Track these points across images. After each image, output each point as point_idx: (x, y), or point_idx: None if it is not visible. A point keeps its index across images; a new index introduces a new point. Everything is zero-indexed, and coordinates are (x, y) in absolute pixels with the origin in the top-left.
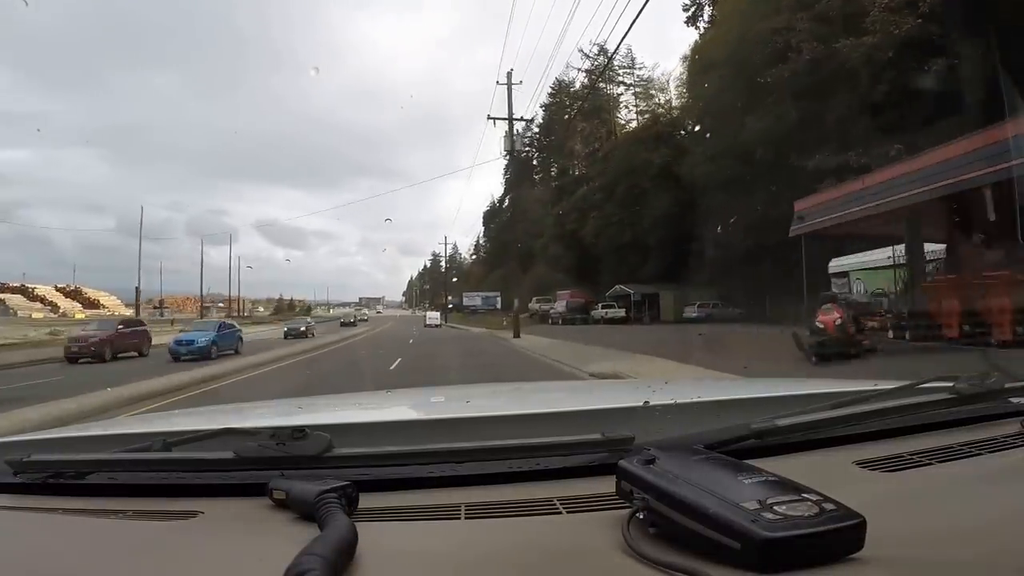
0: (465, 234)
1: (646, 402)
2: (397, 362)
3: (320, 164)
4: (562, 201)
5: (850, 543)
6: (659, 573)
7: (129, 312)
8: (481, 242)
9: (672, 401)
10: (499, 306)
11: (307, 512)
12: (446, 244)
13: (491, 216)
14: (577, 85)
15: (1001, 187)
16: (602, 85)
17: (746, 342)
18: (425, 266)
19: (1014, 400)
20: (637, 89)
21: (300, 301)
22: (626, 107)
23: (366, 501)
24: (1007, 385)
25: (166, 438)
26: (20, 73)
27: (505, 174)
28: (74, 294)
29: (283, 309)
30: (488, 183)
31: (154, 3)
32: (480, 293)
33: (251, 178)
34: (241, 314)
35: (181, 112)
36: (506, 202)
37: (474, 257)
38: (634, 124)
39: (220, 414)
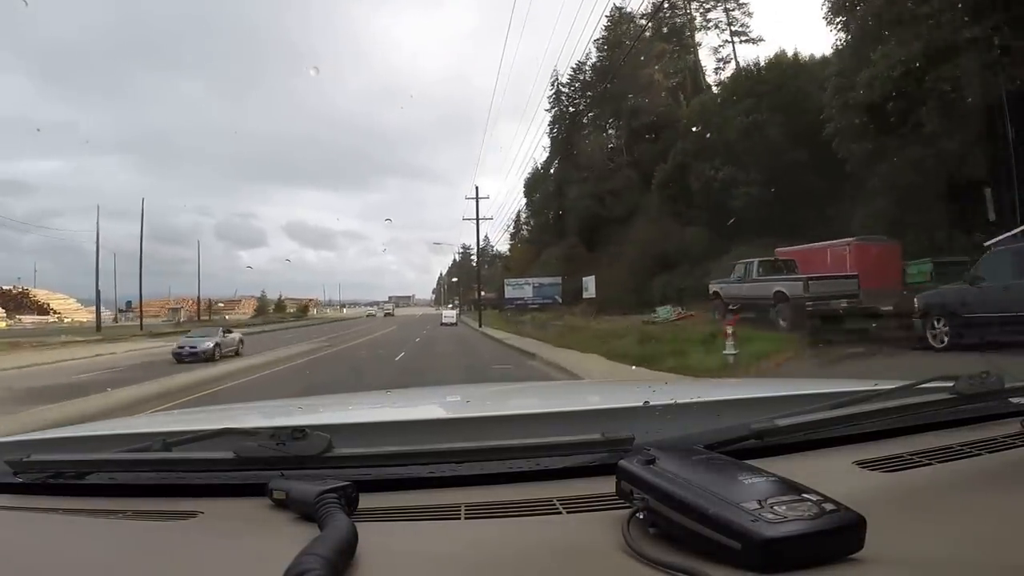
0: (495, 228)
1: (646, 402)
2: None
3: (347, 165)
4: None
5: (850, 543)
6: (659, 573)
7: (88, 315)
8: (523, 219)
9: (672, 401)
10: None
11: (307, 512)
12: (477, 198)
13: (534, 185)
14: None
15: None
16: (680, 3)
17: None
18: (454, 260)
19: (1014, 400)
20: (729, 4)
21: (310, 300)
22: (716, 26)
23: (366, 501)
24: (1007, 385)
25: (166, 438)
26: (37, 81)
27: (550, 131)
28: (18, 297)
29: (266, 310)
30: (505, 180)
31: (176, 10)
32: (530, 280)
33: (277, 180)
34: (200, 316)
35: (208, 117)
36: (553, 166)
37: (514, 233)
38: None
39: (220, 414)
